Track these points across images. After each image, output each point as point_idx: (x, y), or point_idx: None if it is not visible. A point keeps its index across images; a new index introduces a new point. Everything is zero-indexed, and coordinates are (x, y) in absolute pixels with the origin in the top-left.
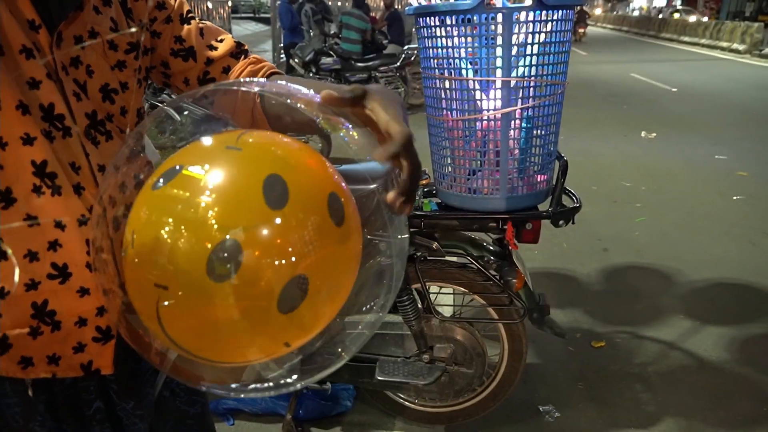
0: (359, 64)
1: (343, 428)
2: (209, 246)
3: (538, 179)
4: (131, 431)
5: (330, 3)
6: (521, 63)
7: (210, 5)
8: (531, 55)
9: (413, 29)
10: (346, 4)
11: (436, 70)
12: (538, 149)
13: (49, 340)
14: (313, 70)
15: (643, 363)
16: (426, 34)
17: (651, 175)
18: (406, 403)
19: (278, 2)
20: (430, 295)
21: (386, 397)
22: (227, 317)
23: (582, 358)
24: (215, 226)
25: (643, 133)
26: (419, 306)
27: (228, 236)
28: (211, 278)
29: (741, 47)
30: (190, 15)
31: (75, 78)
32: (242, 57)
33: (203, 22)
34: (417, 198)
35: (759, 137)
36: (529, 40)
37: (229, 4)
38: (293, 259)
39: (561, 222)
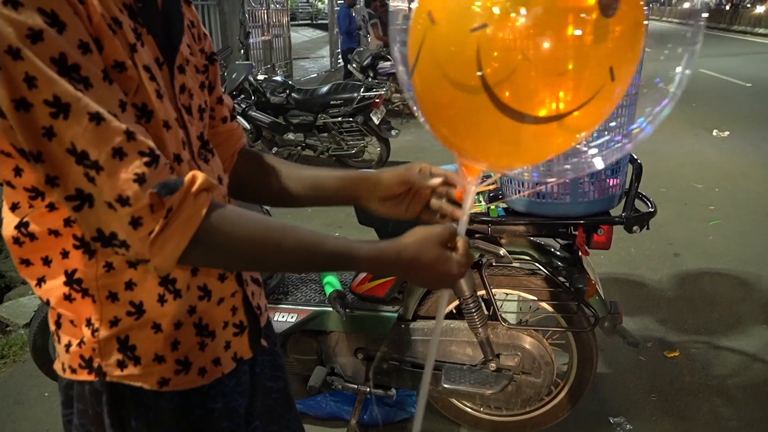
0: None
1: None
2: None
3: (610, 183)
4: (233, 406)
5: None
6: None
7: (269, 12)
8: None
9: None
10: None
11: None
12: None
13: (211, 349)
14: (371, 74)
15: (722, 375)
16: None
17: (724, 175)
18: (472, 411)
19: (336, 8)
20: (497, 302)
21: (452, 405)
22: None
23: (655, 368)
24: None
25: (714, 132)
26: (486, 313)
27: None
28: None
29: None
30: (215, 56)
31: (183, 104)
32: (233, 121)
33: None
34: (482, 203)
35: None
36: None
37: (288, 11)
38: None
39: (635, 228)
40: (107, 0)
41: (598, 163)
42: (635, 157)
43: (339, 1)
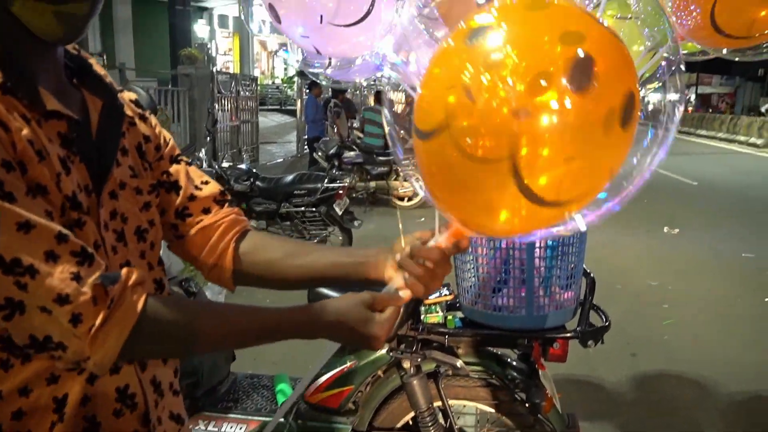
0: (381, 158)
1: None
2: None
3: (565, 296)
4: None
5: (353, 99)
6: None
7: (238, 98)
8: None
9: None
10: (369, 100)
11: None
12: (564, 265)
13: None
14: (336, 163)
15: None
16: None
17: (677, 273)
18: None
19: (305, 96)
20: (453, 415)
21: None
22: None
23: None
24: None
25: (666, 229)
26: (442, 425)
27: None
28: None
29: (759, 141)
30: (180, 157)
31: (114, 229)
32: (224, 204)
33: (190, 166)
34: (441, 313)
35: None
36: None
37: (257, 97)
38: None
39: (590, 342)
40: (36, 131)
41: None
42: (588, 270)
43: (307, 90)
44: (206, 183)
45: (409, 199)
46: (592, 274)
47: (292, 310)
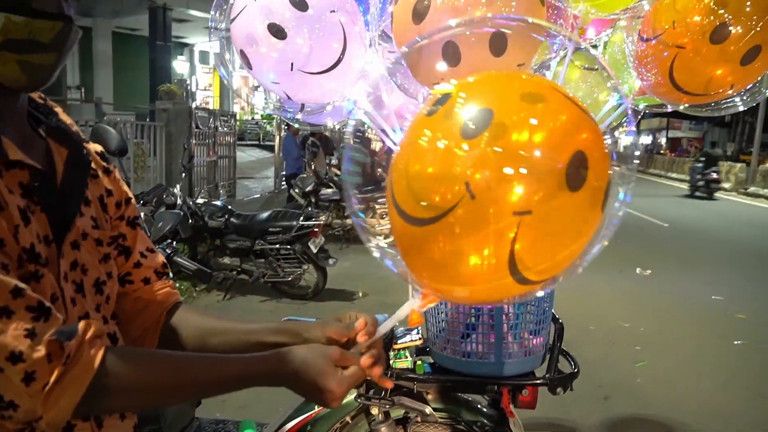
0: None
1: None
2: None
3: (534, 342)
4: None
5: (332, 135)
6: None
7: (216, 133)
8: None
9: None
10: (347, 137)
11: None
12: (533, 310)
13: None
14: (313, 200)
15: None
16: None
17: (649, 314)
18: None
19: (283, 133)
20: None
21: None
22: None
23: None
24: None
25: (638, 270)
26: None
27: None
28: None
29: (727, 185)
30: (137, 221)
31: (74, 280)
32: (164, 277)
33: (144, 228)
34: (410, 358)
35: (754, 277)
36: None
37: (236, 132)
38: None
39: (559, 390)
40: None
41: None
42: (557, 316)
43: (285, 126)
44: (151, 251)
45: (386, 237)
46: (560, 320)
47: (256, 360)
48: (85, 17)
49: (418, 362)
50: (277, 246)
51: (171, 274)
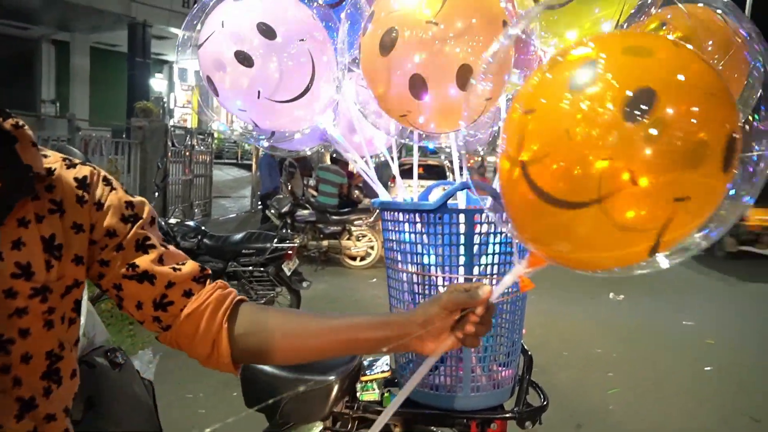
0: (334, 217)
1: None
2: None
3: (503, 375)
4: None
5: (310, 156)
6: (483, 260)
7: (193, 151)
8: (492, 254)
9: (389, 183)
10: (325, 158)
11: (399, 263)
12: (503, 341)
13: None
14: (289, 221)
15: None
16: (390, 228)
17: (622, 340)
18: None
19: (261, 152)
20: None
21: None
22: None
23: None
24: None
25: (611, 295)
26: None
27: None
28: None
29: None
30: (148, 243)
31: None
32: (206, 281)
33: (166, 246)
34: (377, 390)
35: (720, 303)
36: (491, 240)
37: (213, 152)
38: None
39: (527, 423)
40: None
41: None
42: (526, 348)
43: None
44: (183, 263)
45: (362, 259)
46: (529, 352)
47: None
48: (63, 32)
49: (386, 394)
50: (250, 268)
51: (210, 272)
